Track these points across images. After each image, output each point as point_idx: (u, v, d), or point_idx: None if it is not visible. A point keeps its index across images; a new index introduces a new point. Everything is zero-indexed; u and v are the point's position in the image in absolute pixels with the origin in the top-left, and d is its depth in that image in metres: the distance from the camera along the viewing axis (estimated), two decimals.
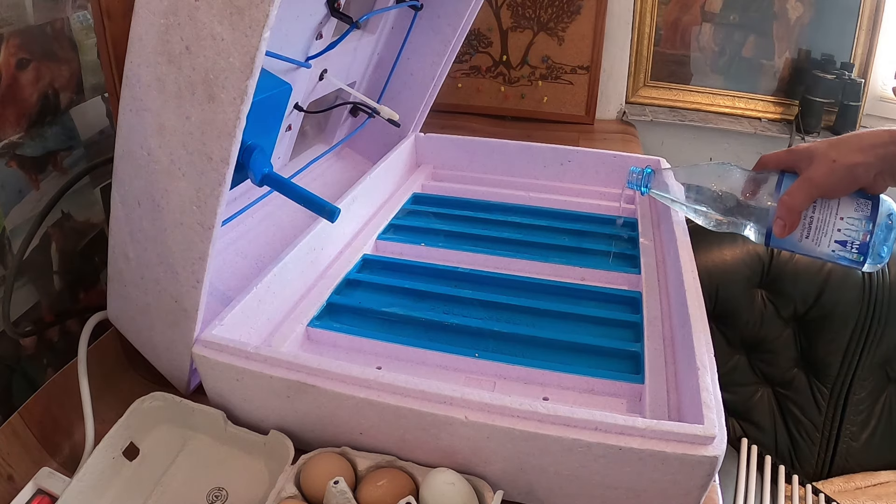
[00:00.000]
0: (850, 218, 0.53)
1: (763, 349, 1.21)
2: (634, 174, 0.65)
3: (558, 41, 1.19)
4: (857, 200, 0.53)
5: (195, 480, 0.46)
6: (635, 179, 0.65)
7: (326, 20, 0.63)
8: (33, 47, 0.60)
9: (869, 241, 0.53)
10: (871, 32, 1.15)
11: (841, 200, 0.53)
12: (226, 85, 0.37)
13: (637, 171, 0.65)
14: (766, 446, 1.21)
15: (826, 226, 0.53)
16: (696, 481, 0.39)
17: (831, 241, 0.53)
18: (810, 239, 0.54)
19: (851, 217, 0.53)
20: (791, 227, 0.53)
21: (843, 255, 0.54)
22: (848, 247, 0.53)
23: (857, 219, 0.53)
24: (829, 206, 0.53)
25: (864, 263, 0.54)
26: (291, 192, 0.50)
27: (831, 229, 0.53)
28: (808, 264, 1.17)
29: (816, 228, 0.53)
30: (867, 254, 0.53)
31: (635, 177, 0.65)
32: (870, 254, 0.53)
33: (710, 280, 1.17)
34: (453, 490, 0.41)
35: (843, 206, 0.53)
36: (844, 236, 0.53)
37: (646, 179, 0.65)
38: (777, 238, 0.55)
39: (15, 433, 0.50)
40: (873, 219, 0.52)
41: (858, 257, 0.54)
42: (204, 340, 0.47)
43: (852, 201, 0.53)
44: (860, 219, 0.53)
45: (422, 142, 0.88)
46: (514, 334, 0.55)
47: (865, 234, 0.53)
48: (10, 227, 0.59)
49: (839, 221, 0.53)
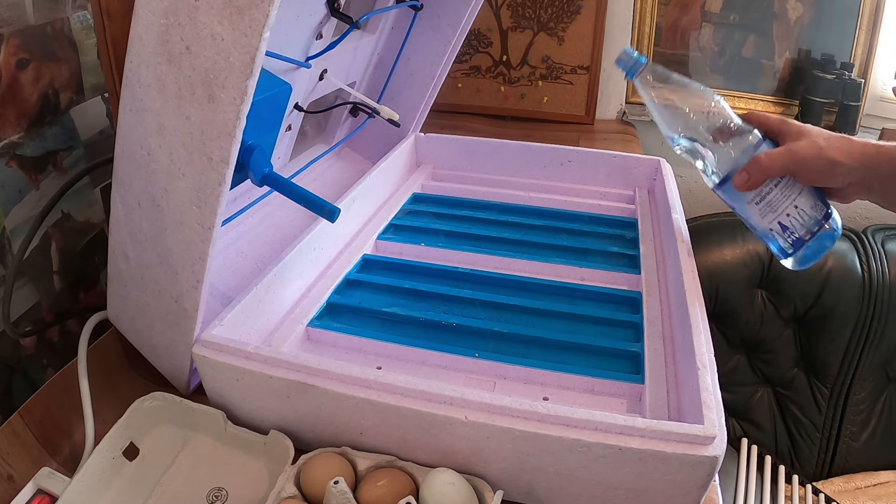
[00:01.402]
0: (804, 211, 0.53)
1: (763, 349, 1.21)
2: (627, 55, 0.58)
3: (558, 41, 1.19)
4: (818, 200, 0.53)
5: (195, 480, 0.46)
6: (625, 60, 0.58)
7: (326, 20, 0.63)
8: (33, 47, 0.60)
9: (806, 241, 0.53)
10: (871, 32, 1.15)
11: (805, 190, 0.53)
12: (226, 85, 0.37)
13: (631, 54, 0.58)
14: (766, 446, 1.21)
15: (779, 204, 0.53)
16: (696, 481, 0.39)
17: (776, 220, 0.53)
18: (759, 206, 0.54)
19: (805, 211, 0.53)
20: (752, 186, 0.53)
21: (777, 237, 0.54)
22: (786, 234, 0.53)
23: (809, 216, 0.53)
24: (792, 190, 0.53)
25: (788, 257, 0.55)
26: (291, 192, 0.50)
27: (782, 210, 0.53)
28: None
29: (770, 202, 0.53)
30: (797, 250, 0.54)
31: (626, 58, 0.58)
32: (799, 252, 0.54)
33: (710, 280, 1.17)
34: (453, 490, 0.41)
35: (803, 196, 0.53)
36: (789, 223, 0.53)
37: (634, 66, 0.58)
38: (729, 188, 0.54)
39: (15, 433, 0.50)
40: (821, 225, 0.53)
41: (788, 248, 0.54)
42: (204, 340, 0.47)
43: (813, 198, 0.53)
44: (811, 217, 0.53)
45: (422, 142, 0.88)
46: (514, 334, 0.55)
47: (808, 233, 0.53)
48: (10, 227, 0.59)
49: (792, 209, 0.53)
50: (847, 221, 1.28)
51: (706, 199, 1.36)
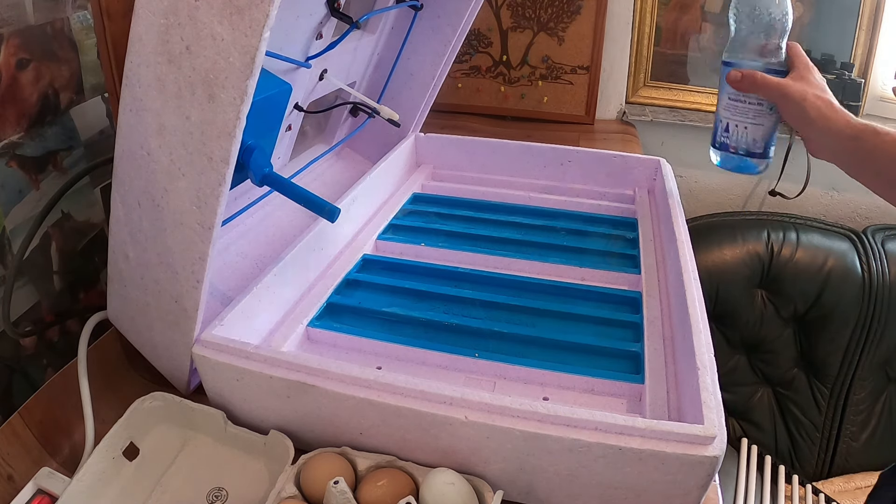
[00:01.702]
0: (748, 135, 0.62)
1: (763, 349, 1.21)
2: None
3: (558, 41, 1.19)
4: (765, 141, 0.62)
5: (195, 480, 0.46)
6: None
7: (326, 20, 0.63)
8: (33, 47, 0.60)
9: (730, 152, 0.63)
10: (871, 32, 1.15)
11: (764, 126, 0.61)
12: (226, 85, 0.37)
13: None
14: (766, 446, 1.21)
15: (741, 114, 0.62)
16: (696, 481, 0.39)
17: (729, 119, 0.62)
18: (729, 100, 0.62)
19: (749, 135, 0.62)
20: (738, 88, 0.61)
21: (720, 129, 0.64)
22: (726, 134, 0.63)
23: (748, 142, 0.62)
24: (757, 116, 0.61)
25: (713, 149, 0.65)
26: (291, 192, 0.50)
27: (738, 119, 0.62)
28: (808, 264, 1.17)
29: (737, 106, 0.62)
30: (722, 151, 0.64)
31: None
32: (721, 153, 0.64)
33: (710, 280, 1.17)
34: (453, 490, 0.41)
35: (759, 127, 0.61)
36: (733, 131, 0.62)
37: None
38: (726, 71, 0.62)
39: (15, 433, 0.50)
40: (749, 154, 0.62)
41: (718, 144, 0.64)
42: (204, 340, 0.47)
43: (764, 134, 0.62)
44: (749, 144, 0.62)
45: (422, 142, 0.88)
46: (514, 334, 0.55)
47: (737, 149, 0.63)
48: (10, 227, 0.59)
49: (744, 126, 0.62)
50: (847, 221, 1.28)
51: (706, 199, 1.36)
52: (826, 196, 1.30)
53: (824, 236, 1.20)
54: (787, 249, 1.18)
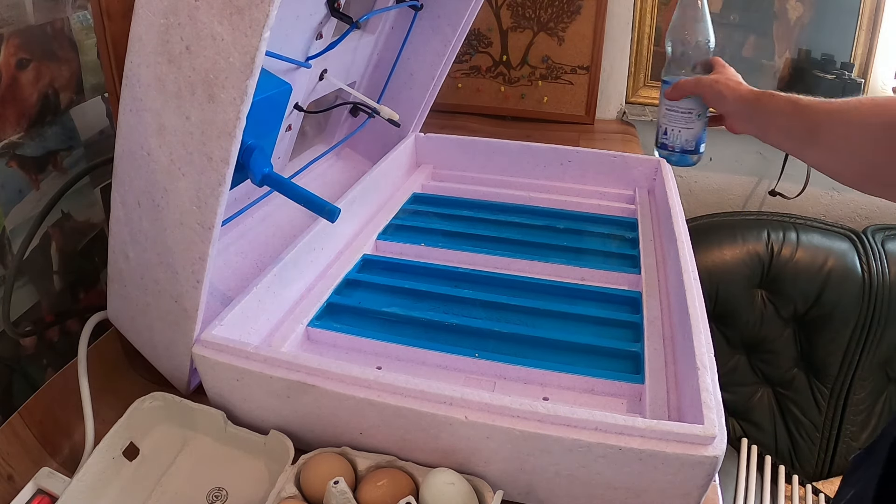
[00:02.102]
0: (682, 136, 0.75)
1: (763, 349, 1.21)
2: None
3: (558, 41, 1.19)
4: (696, 140, 0.74)
5: (195, 480, 0.46)
6: None
7: (326, 20, 0.63)
8: (33, 47, 0.60)
9: (670, 150, 0.75)
10: (871, 32, 1.15)
11: (694, 130, 0.74)
12: (226, 85, 0.37)
13: None
14: (766, 446, 1.21)
15: (675, 121, 0.74)
16: (696, 481, 0.39)
17: (667, 125, 0.75)
18: (668, 110, 0.74)
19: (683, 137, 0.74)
20: (672, 98, 0.73)
21: (660, 132, 0.76)
22: (665, 136, 0.75)
23: (683, 141, 0.75)
24: (688, 121, 0.74)
25: (657, 148, 0.77)
26: (291, 192, 0.50)
27: (673, 124, 0.74)
28: (808, 264, 1.17)
29: (672, 114, 0.74)
30: (662, 150, 0.76)
31: None
32: (664, 151, 0.76)
33: (710, 280, 1.18)
34: (453, 490, 0.41)
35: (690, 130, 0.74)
36: (670, 134, 0.75)
37: None
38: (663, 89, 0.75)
39: (15, 433, 0.50)
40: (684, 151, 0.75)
41: (659, 143, 0.77)
42: (204, 340, 0.47)
43: (695, 136, 0.74)
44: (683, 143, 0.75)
45: (422, 142, 0.88)
46: (514, 334, 0.55)
47: (673, 148, 0.75)
48: (10, 227, 0.59)
49: (678, 129, 0.74)
50: (847, 221, 1.28)
51: (706, 199, 1.36)
52: (826, 196, 1.30)
53: (824, 236, 1.20)
54: (787, 249, 1.19)
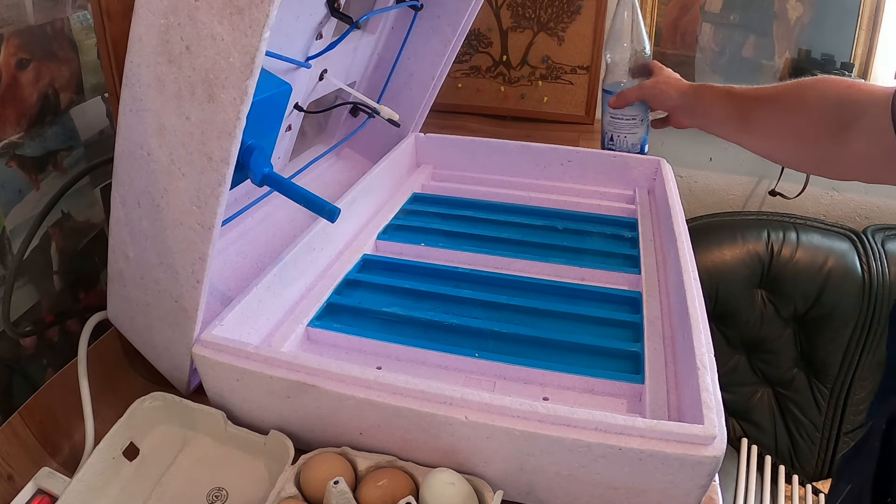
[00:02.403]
0: (627, 141, 0.85)
1: (763, 349, 1.21)
2: None
3: (558, 41, 1.19)
4: (641, 142, 0.85)
5: (195, 480, 0.46)
6: None
7: (326, 20, 0.63)
8: (33, 47, 0.60)
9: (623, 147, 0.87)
10: (871, 32, 1.15)
11: (636, 134, 0.85)
12: (226, 85, 0.37)
13: None
14: (766, 446, 1.21)
15: (620, 128, 0.84)
16: (696, 481, 0.39)
17: (613, 132, 0.85)
18: (612, 119, 0.84)
19: (628, 141, 0.85)
20: (615, 107, 0.82)
21: (606, 139, 0.87)
22: (611, 143, 0.86)
23: (629, 146, 0.86)
24: (632, 127, 0.84)
25: None
26: (291, 192, 0.50)
27: (619, 132, 0.84)
28: (808, 264, 1.17)
29: (617, 122, 0.84)
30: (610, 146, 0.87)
31: None
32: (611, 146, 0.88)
33: (710, 280, 1.18)
34: (453, 490, 0.41)
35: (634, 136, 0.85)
36: (616, 140, 0.86)
37: None
38: (606, 98, 0.85)
39: (15, 433, 0.50)
40: None
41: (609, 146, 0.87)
42: (204, 340, 0.47)
43: (639, 140, 0.85)
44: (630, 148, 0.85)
45: (422, 142, 0.88)
46: (514, 334, 0.55)
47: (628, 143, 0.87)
48: (10, 227, 0.59)
49: (624, 135, 0.85)
50: (847, 221, 1.28)
51: (706, 199, 1.36)
52: (826, 196, 1.30)
53: (824, 236, 1.20)
54: (787, 249, 1.19)
